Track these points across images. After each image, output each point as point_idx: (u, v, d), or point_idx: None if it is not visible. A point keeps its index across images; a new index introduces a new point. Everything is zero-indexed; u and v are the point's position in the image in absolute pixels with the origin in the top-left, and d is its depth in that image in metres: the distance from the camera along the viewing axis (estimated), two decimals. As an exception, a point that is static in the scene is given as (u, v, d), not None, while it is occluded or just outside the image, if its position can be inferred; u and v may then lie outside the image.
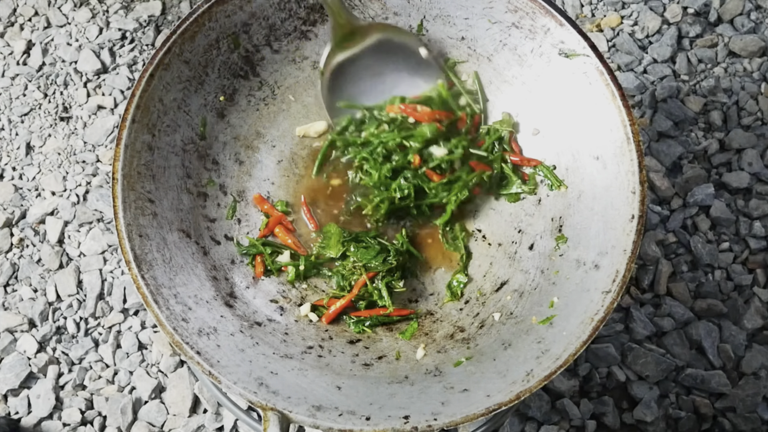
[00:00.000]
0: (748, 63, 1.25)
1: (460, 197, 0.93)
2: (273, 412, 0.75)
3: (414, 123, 0.94)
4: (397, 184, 0.92)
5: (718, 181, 1.17)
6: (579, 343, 0.77)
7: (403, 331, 0.92)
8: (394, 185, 0.92)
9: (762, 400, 1.06)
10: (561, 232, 0.91)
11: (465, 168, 0.94)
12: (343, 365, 0.88)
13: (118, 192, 0.84)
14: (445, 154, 0.92)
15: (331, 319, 0.92)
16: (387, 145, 0.93)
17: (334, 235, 0.95)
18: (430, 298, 0.95)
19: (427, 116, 0.93)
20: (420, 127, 0.93)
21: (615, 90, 0.85)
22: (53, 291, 1.13)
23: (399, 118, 0.94)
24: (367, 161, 0.94)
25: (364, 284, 0.92)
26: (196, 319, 0.83)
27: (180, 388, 1.07)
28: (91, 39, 1.28)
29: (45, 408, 1.07)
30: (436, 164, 0.93)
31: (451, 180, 0.93)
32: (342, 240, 0.94)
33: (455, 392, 0.80)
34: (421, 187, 0.93)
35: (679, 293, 1.11)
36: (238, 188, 0.97)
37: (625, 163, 0.84)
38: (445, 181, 0.93)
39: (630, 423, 1.05)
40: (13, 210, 1.18)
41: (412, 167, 0.93)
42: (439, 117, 0.94)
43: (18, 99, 1.25)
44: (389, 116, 0.94)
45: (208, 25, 0.90)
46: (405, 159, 0.92)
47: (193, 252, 0.90)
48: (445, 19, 0.97)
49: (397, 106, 0.94)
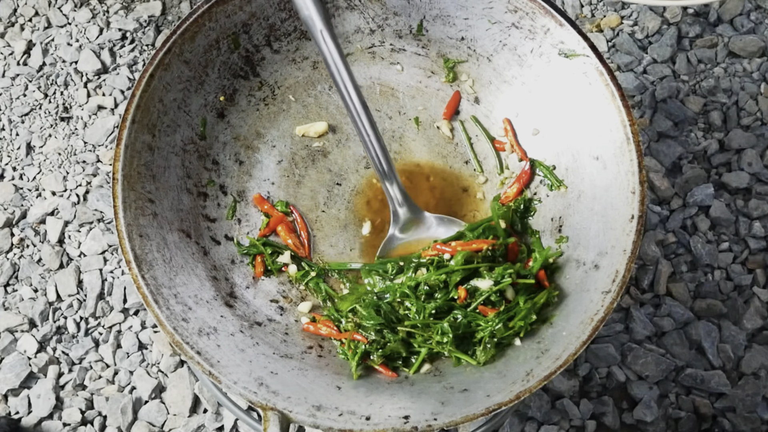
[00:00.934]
0: (747, 63, 1.25)
1: (527, 325, 0.84)
2: (273, 412, 0.75)
3: (449, 259, 0.88)
4: (440, 327, 0.84)
5: (718, 181, 1.17)
6: (579, 343, 0.77)
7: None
8: (436, 328, 0.85)
9: (762, 400, 1.06)
10: (561, 232, 0.91)
11: (522, 296, 0.85)
12: (343, 365, 0.88)
13: (119, 192, 0.84)
14: (491, 285, 0.84)
15: (314, 333, 0.91)
16: (429, 282, 0.86)
17: (355, 295, 0.91)
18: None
19: (461, 246, 0.88)
20: (455, 257, 0.87)
21: (615, 90, 0.85)
22: (53, 291, 1.13)
23: (435, 259, 0.88)
24: (408, 297, 0.87)
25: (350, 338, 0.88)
26: (196, 319, 0.83)
27: (180, 388, 1.07)
28: (92, 39, 1.28)
29: (45, 408, 1.07)
30: (484, 297, 0.85)
31: (509, 309, 0.85)
32: (358, 299, 0.90)
33: (455, 392, 0.80)
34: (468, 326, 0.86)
35: (678, 293, 1.11)
36: (238, 188, 0.97)
37: (625, 163, 0.84)
38: (503, 310, 0.85)
39: (630, 423, 1.05)
40: (14, 210, 1.18)
41: (459, 303, 0.85)
42: (477, 246, 0.87)
43: (18, 99, 1.25)
44: (426, 260, 0.89)
45: (208, 25, 0.90)
46: (447, 296, 0.86)
47: (193, 252, 0.90)
48: (445, 19, 0.97)
49: (432, 248, 0.90)
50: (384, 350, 0.86)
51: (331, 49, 0.84)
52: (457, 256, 0.87)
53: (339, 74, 0.85)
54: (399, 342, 0.86)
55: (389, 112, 1.01)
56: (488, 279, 0.85)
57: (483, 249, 0.87)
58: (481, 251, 0.87)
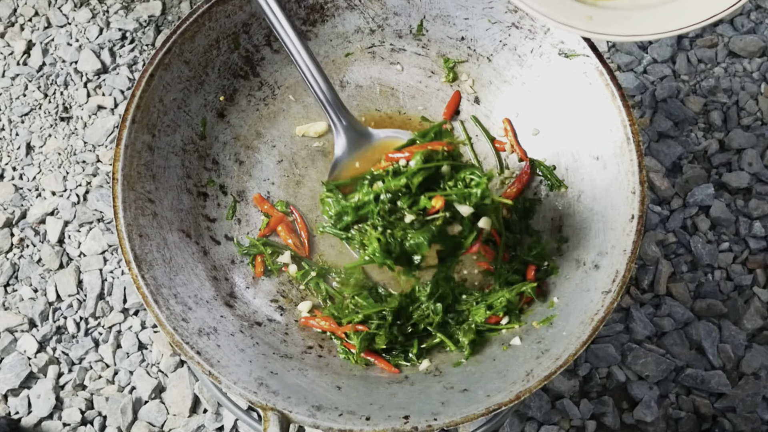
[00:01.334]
0: (748, 63, 1.25)
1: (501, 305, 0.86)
2: (273, 412, 0.75)
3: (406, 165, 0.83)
4: (432, 305, 0.86)
5: (718, 181, 1.17)
6: (579, 343, 0.77)
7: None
8: (429, 305, 0.86)
9: (762, 400, 1.06)
10: (561, 232, 0.91)
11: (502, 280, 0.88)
12: (343, 365, 0.88)
13: (118, 192, 0.84)
14: (470, 211, 0.80)
15: (313, 327, 0.92)
16: (390, 189, 0.80)
17: (355, 280, 0.92)
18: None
19: (416, 148, 0.82)
20: (412, 159, 0.81)
21: (615, 90, 0.85)
22: (53, 291, 1.13)
23: (391, 169, 0.82)
24: (370, 209, 0.81)
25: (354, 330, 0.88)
26: (196, 319, 0.83)
27: (180, 388, 1.07)
28: (92, 39, 1.28)
29: (45, 408, 1.07)
30: (470, 232, 0.81)
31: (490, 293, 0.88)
32: (360, 285, 0.92)
33: (455, 392, 0.80)
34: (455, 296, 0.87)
35: (679, 293, 1.11)
36: (238, 188, 0.97)
37: (625, 163, 0.84)
38: (486, 293, 0.88)
39: (630, 423, 1.05)
40: (14, 210, 1.18)
41: (434, 218, 0.79)
42: (434, 147, 0.82)
43: (18, 99, 1.25)
44: (381, 172, 0.83)
45: (208, 25, 0.90)
46: (416, 205, 0.80)
47: (193, 252, 0.90)
48: (445, 19, 0.97)
49: (384, 159, 0.84)
50: (387, 333, 0.86)
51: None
52: (415, 157, 0.80)
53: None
54: (398, 329, 0.87)
55: (389, 112, 1.01)
56: (467, 205, 0.80)
57: (440, 149, 0.81)
58: (438, 151, 0.81)
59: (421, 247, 0.79)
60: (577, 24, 0.77)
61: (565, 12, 0.77)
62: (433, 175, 0.81)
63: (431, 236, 0.79)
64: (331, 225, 0.85)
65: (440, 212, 0.79)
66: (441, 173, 0.81)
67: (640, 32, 0.76)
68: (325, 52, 1.00)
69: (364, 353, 0.87)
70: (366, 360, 0.87)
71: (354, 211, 0.82)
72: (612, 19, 0.77)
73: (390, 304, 0.88)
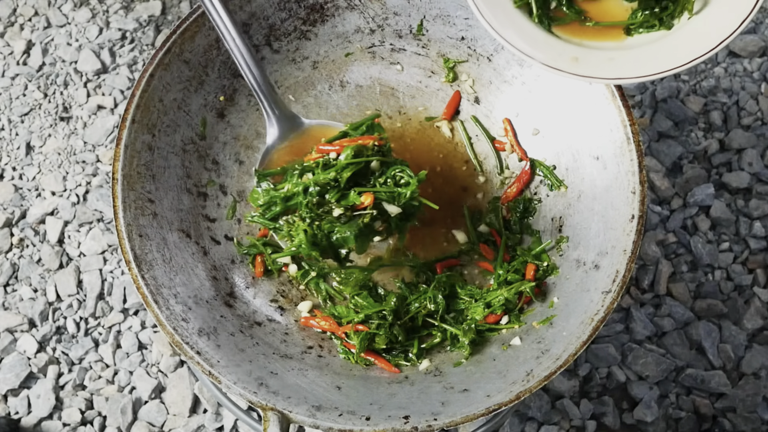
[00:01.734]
0: (748, 63, 1.25)
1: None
2: (273, 412, 0.75)
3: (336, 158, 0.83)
4: (431, 294, 0.88)
5: (718, 181, 1.17)
6: (579, 343, 0.77)
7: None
8: (427, 296, 0.88)
9: (762, 400, 1.06)
10: (561, 232, 0.91)
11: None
12: (343, 365, 0.87)
13: (118, 192, 0.84)
14: (398, 211, 0.81)
15: (313, 326, 0.92)
16: (318, 181, 0.80)
17: (355, 280, 0.93)
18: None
19: (347, 142, 0.83)
20: (342, 153, 0.81)
21: (615, 90, 0.85)
22: (53, 291, 1.13)
23: (321, 161, 0.82)
24: (299, 201, 0.81)
25: (354, 330, 0.88)
26: (196, 319, 0.83)
27: (180, 388, 1.07)
28: (91, 39, 1.28)
29: (45, 408, 1.07)
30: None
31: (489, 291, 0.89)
32: (360, 285, 0.92)
33: (455, 392, 0.80)
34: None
35: (679, 293, 1.11)
36: (238, 188, 0.97)
37: (625, 163, 0.84)
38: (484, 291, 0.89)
39: (630, 423, 1.05)
40: (13, 210, 1.18)
41: (362, 215, 0.80)
42: (364, 141, 0.83)
43: (18, 99, 1.25)
44: (311, 163, 0.83)
45: (208, 25, 0.90)
46: (346, 200, 0.80)
47: (193, 252, 0.90)
48: (445, 19, 0.97)
49: (315, 150, 0.84)
50: (387, 333, 0.86)
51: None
52: (346, 151, 0.81)
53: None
54: (400, 328, 0.87)
55: (389, 112, 1.01)
56: (395, 206, 0.81)
57: (370, 144, 0.82)
58: (368, 146, 0.82)
59: (348, 241, 0.80)
60: (564, 67, 0.77)
61: (552, 53, 0.78)
62: (363, 169, 0.81)
63: (358, 231, 0.80)
64: (260, 215, 0.84)
65: (368, 209, 0.80)
66: (371, 168, 0.82)
67: (623, 75, 0.76)
68: (325, 52, 1.00)
69: (364, 353, 0.87)
70: (366, 360, 0.87)
71: (283, 202, 0.82)
72: (597, 60, 0.77)
73: (389, 302, 0.88)
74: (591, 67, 0.77)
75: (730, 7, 0.74)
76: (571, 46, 0.79)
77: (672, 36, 0.78)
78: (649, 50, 0.77)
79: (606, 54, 0.78)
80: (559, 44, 0.79)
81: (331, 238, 0.81)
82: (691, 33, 0.77)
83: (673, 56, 0.75)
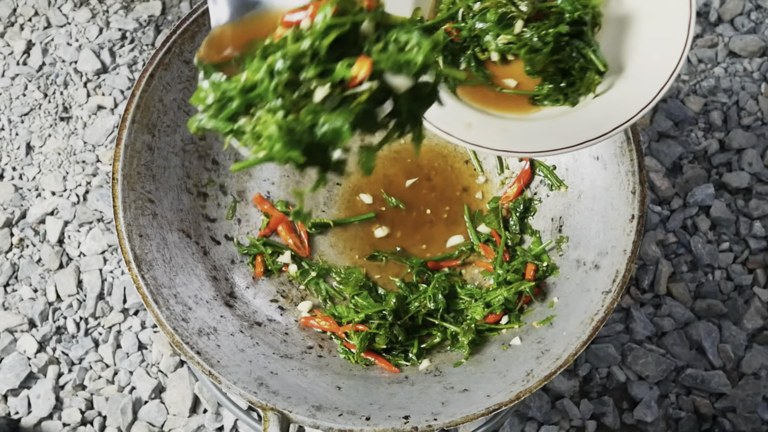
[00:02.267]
0: (748, 63, 1.25)
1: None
2: (273, 412, 0.75)
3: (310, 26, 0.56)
4: (430, 293, 0.89)
5: (718, 181, 1.17)
6: (579, 343, 0.77)
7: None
8: (427, 295, 0.88)
9: (762, 400, 1.06)
10: (561, 232, 0.91)
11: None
12: (343, 365, 0.87)
13: (118, 192, 0.84)
14: (409, 85, 0.54)
15: (313, 326, 0.92)
16: (289, 54, 0.54)
17: (355, 279, 0.93)
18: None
19: (325, 1, 0.55)
20: (318, 14, 0.55)
21: (615, 90, 0.85)
22: (53, 291, 1.13)
23: (290, 34, 0.55)
24: (262, 85, 0.54)
25: (354, 329, 0.89)
26: (196, 319, 0.83)
27: (180, 388, 1.07)
28: (91, 39, 1.28)
29: (45, 408, 1.07)
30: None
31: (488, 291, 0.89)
32: (360, 285, 0.92)
33: (455, 392, 0.80)
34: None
35: (679, 293, 1.10)
36: (238, 188, 0.97)
37: (625, 163, 0.84)
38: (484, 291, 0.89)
39: (630, 423, 1.05)
40: (13, 210, 1.18)
41: (357, 93, 0.53)
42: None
43: (18, 99, 1.25)
44: (276, 42, 0.56)
45: (208, 25, 0.90)
46: (319, 70, 0.53)
47: (193, 252, 0.90)
48: (445, 19, 0.96)
49: (281, 24, 0.57)
50: (387, 333, 0.86)
51: None
52: (323, 10, 0.54)
53: None
54: (399, 327, 0.87)
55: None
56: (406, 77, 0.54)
57: (357, 1, 0.56)
58: (355, 3, 0.56)
59: (340, 135, 0.53)
60: (455, 132, 0.72)
61: (447, 117, 0.72)
62: (350, 35, 0.55)
63: (354, 118, 0.53)
64: (210, 116, 0.57)
65: (366, 83, 0.53)
66: (361, 33, 0.56)
67: (509, 148, 0.71)
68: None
69: (365, 353, 0.87)
70: (366, 360, 0.87)
71: (241, 94, 0.55)
72: (489, 129, 0.73)
73: (389, 302, 0.88)
74: (481, 135, 0.72)
75: (633, 92, 0.70)
76: (470, 111, 0.74)
77: (573, 114, 0.73)
78: (547, 125, 0.72)
79: (502, 123, 0.74)
80: (458, 107, 0.74)
81: (314, 131, 0.53)
82: (592, 113, 0.72)
83: (567, 135, 0.70)
